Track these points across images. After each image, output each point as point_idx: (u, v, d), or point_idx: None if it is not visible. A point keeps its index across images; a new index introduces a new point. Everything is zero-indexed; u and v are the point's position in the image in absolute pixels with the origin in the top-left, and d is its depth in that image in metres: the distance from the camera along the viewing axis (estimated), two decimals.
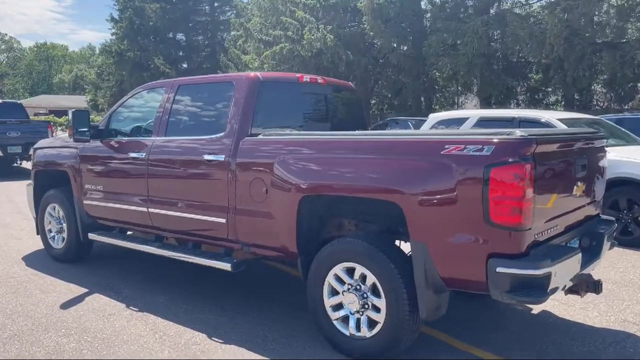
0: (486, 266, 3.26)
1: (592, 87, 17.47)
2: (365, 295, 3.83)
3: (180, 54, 39.97)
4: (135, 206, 5.44)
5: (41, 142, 6.96)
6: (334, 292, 4.01)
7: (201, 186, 4.85)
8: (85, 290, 5.47)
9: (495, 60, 17.69)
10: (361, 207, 4.09)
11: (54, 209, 6.52)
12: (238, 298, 5.23)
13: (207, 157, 4.73)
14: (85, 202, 6.01)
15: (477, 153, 3.27)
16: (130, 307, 4.99)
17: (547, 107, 19.19)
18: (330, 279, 4.00)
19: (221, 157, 4.62)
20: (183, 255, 5.03)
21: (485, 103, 18.61)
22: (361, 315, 3.86)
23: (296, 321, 4.63)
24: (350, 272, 3.91)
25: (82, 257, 6.47)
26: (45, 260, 6.55)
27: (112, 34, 40.19)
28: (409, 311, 3.60)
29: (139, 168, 5.34)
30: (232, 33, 32.86)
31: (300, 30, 21.28)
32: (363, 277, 3.84)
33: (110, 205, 5.73)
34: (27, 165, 16.62)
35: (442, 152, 3.40)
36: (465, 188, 3.30)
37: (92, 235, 6.02)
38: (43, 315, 4.80)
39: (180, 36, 40.45)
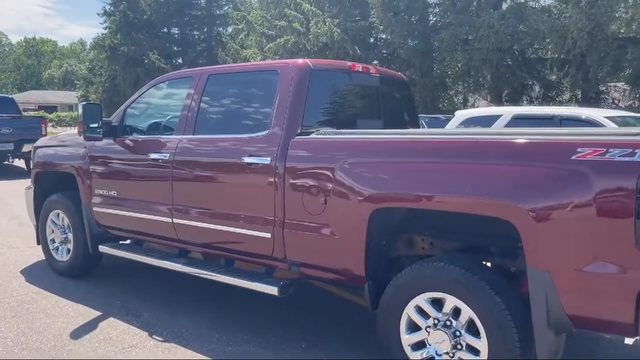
0: (637, 305, 2.54)
1: (610, 84, 16.84)
2: (457, 333, 3.10)
3: (175, 48, 38.94)
4: (156, 216, 4.67)
5: (43, 140, 6.17)
6: (414, 328, 3.27)
7: (239, 194, 4.10)
8: (97, 313, 4.69)
9: (510, 55, 17.01)
10: (449, 222, 3.35)
11: (58, 216, 5.73)
12: (277, 322, 4.48)
13: (247, 159, 3.98)
14: (95, 209, 5.23)
15: (626, 158, 2.55)
16: (154, 337, 4.23)
17: (561, 104, 18.52)
18: (410, 311, 3.26)
19: (265, 160, 3.87)
20: (217, 275, 4.26)
21: (497, 100, 17.94)
22: (452, 357, 3.12)
23: (357, 354, 3.89)
24: (437, 303, 3.18)
25: (89, 271, 5.69)
26: (47, 275, 5.76)
27: (105, 28, 39.04)
28: (520, 355, 2.88)
29: (162, 171, 4.58)
30: (232, 27, 31.90)
31: (305, 24, 20.49)
32: (455, 311, 3.10)
33: (125, 213, 4.96)
34: (19, 163, 15.77)
35: (573, 157, 2.67)
36: (608, 203, 2.58)
37: (103, 248, 5.24)
38: (51, 347, 4.03)
39: (175, 30, 39.39)
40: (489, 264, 3.51)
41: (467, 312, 3.04)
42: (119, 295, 5.16)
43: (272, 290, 3.91)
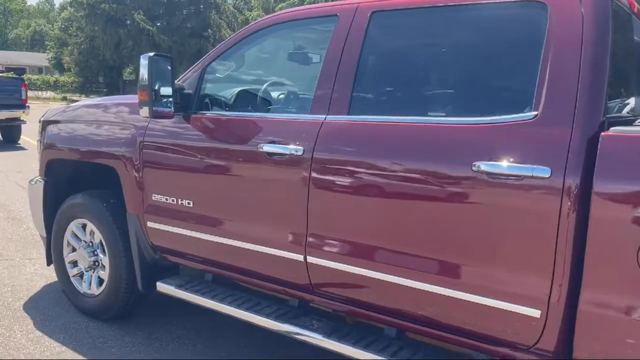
0: None
1: None
2: None
3: (160, 11, 36.17)
4: (273, 247, 2.80)
5: (57, 112, 4.13)
6: None
7: (465, 229, 2.24)
8: None
9: None
10: None
11: (83, 228, 3.79)
12: None
13: (484, 166, 2.13)
14: (150, 224, 3.32)
15: None
16: None
17: None
18: None
19: (541, 171, 2.03)
20: None
21: None
22: None
23: None
24: None
25: (131, 312, 3.79)
26: (66, 314, 3.85)
27: None
28: None
29: (287, 175, 2.70)
30: None
31: None
32: None
33: (209, 237, 3.07)
34: None
35: None
36: None
37: (167, 288, 3.33)
38: None
39: None
40: None
41: None
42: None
43: None
